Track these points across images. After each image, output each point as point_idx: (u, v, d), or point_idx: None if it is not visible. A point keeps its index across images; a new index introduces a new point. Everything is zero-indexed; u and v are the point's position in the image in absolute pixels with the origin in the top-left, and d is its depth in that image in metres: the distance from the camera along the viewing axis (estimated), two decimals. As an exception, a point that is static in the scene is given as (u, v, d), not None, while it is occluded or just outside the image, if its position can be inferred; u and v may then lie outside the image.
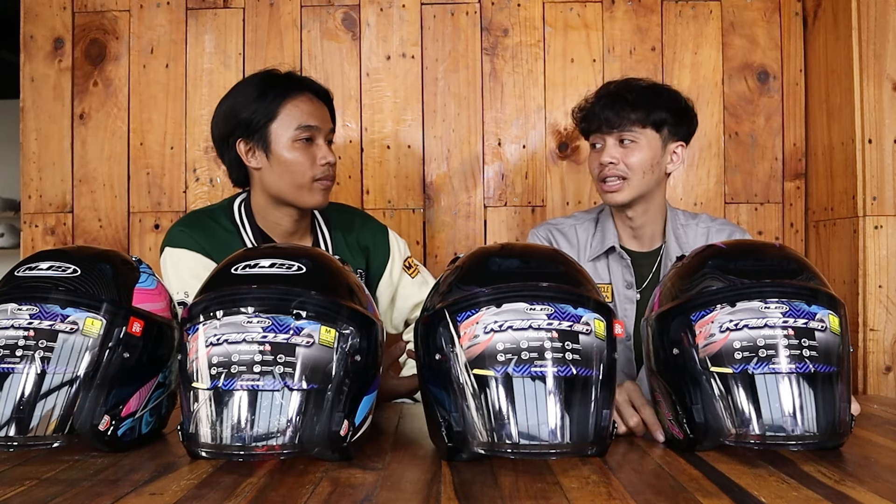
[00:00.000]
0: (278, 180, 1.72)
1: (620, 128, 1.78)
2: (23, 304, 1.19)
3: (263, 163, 1.73)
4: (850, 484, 1.05)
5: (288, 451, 1.10)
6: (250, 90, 1.75)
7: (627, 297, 1.86)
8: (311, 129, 1.72)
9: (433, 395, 1.17)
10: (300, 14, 2.48)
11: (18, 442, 1.15)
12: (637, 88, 1.81)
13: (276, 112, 1.71)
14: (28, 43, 2.48)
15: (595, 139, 1.84)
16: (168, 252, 1.75)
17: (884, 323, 2.15)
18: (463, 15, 2.48)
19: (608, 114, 1.79)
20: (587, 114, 1.84)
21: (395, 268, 1.93)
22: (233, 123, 1.73)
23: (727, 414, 1.15)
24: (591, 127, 1.83)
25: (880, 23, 2.16)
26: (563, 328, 1.12)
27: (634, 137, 1.78)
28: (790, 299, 1.17)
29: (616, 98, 1.79)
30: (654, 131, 1.79)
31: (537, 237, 1.95)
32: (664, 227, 1.88)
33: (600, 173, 1.81)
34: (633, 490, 1.03)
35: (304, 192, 1.73)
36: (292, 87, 1.74)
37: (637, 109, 1.78)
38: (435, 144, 2.48)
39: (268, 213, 1.79)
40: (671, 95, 1.84)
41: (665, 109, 1.80)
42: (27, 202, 2.48)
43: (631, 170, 1.78)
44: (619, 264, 1.88)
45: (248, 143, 1.73)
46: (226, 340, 1.12)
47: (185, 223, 1.79)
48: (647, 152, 1.79)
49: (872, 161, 2.16)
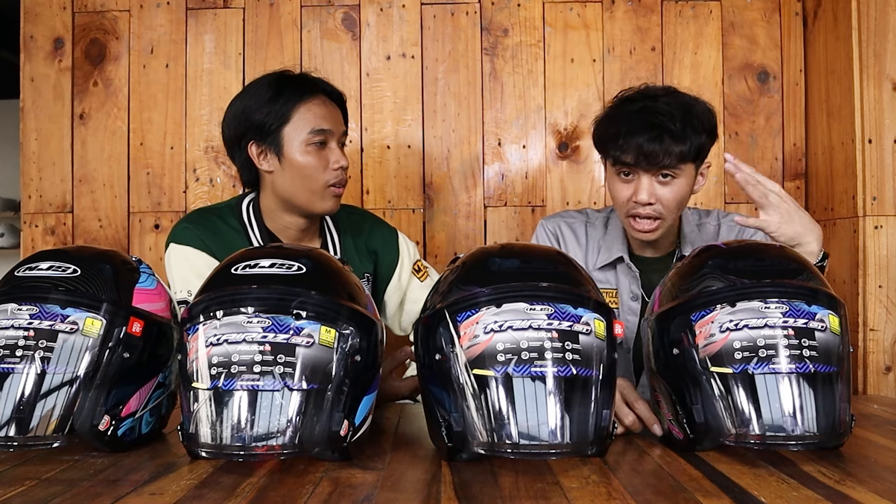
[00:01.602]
0: (290, 184, 1.70)
1: (662, 164, 1.59)
2: (23, 304, 1.19)
3: (275, 166, 1.71)
4: (850, 484, 1.05)
5: (288, 452, 1.10)
6: (263, 91, 1.71)
7: (632, 309, 1.79)
8: (325, 133, 1.70)
9: (433, 395, 1.17)
10: (300, 14, 2.48)
11: (18, 442, 1.15)
12: (677, 115, 1.60)
13: (290, 115, 1.68)
14: (28, 43, 2.48)
15: (625, 168, 1.65)
16: (172, 248, 1.74)
17: (884, 323, 2.15)
18: (463, 15, 2.48)
19: (654, 148, 1.57)
20: (622, 143, 1.61)
21: (405, 272, 1.92)
22: (245, 125, 1.70)
23: (727, 414, 1.15)
24: (625, 157, 1.62)
25: (880, 23, 2.16)
26: (563, 328, 1.12)
27: (676, 173, 1.61)
28: (790, 299, 1.17)
29: (661, 131, 1.58)
30: (693, 161, 1.64)
31: (546, 229, 1.90)
32: (678, 230, 1.81)
33: (630, 209, 1.65)
34: (633, 490, 1.03)
35: (316, 197, 1.71)
36: (306, 90, 1.71)
37: (681, 143, 1.59)
38: (435, 144, 2.48)
39: (277, 216, 1.77)
40: (705, 115, 1.65)
41: (704, 133, 1.62)
42: (27, 202, 2.48)
43: (667, 208, 1.64)
44: (626, 276, 1.79)
45: (259, 146, 1.70)
46: (226, 340, 1.12)
47: (190, 220, 1.78)
48: (685, 186, 1.64)
49: (872, 161, 2.16)
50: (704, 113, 1.66)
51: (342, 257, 1.80)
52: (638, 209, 1.65)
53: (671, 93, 1.69)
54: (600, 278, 1.81)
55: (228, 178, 2.47)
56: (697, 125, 1.62)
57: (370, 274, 1.88)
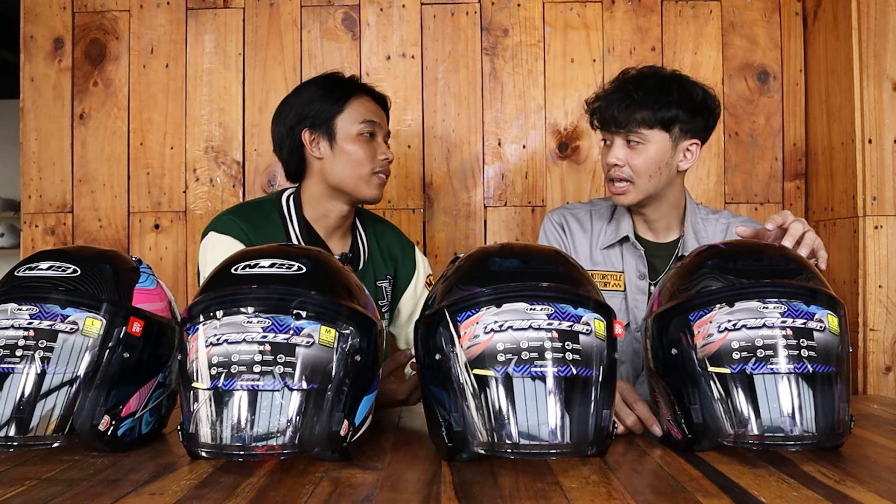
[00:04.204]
0: (340, 171, 1.79)
1: (627, 128, 1.71)
2: (23, 304, 1.19)
3: (327, 153, 1.79)
4: (850, 484, 1.05)
5: (288, 451, 1.10)
6: (314, 89, 1.83)
7: (640, 287, 1.82)
8: (374, 125, 1.81)
9: (433, 395, 1.17)
10: (300, 14, 2.48)
11: (18, 442, 1.15)
12: (647, 85, 1.72)
13: (344, 106, 1.80)
14: (28, 43, 2.48)
15: (604, 136, 1.79)
16: (212, 237, 1.77)
17: (884, 323, 2.15)
18: (463, 15, 2.48)
19: (614, 112, 1.72)
20: (596, 109, 1.77)
21: (419, 284, 1.98)
22: (299, 115, 1.80)
23: (725, 414, 1.15)
24: (600, 124, 1.78)
25: (880, 23, 2.16)
26: (563, 328, 1.12)
27: (641, 139, 1.71)
28: (789, 299, 1.17)
29: (623, 96, 1.72)
30: (663, 131, 1.72)
31: (552, 221, 1.93)
32: (682, 219, 1.84)
33: (608, 172, 1.77)
34: (633, 490, 1.04)
35: (363, 183, 1.79)
36: (357, 88, 1.85)
37: (643, 109, 1.70)
38: (435, 144, 2.48)
39: (320, 204, 1.83)
40: (685, 90, 1.74)
41: (675, 107, 1.71)
42: (27, 202, 2.48)
43: (636, 173, 1.73)
44: (632, 255, 1.84)
45: (313, 133, 1.80)
46: (226, 340, 1.12)
47: (235, 212, 1.83)
48: (654, 154, 1.72)
49: (872, 161, 2.16)
50: (683, 88, 1.74)
51: (367, 256, 1.86)
52: (611, 172, 1.76)
53: (660, 70, 1.79)
54: (606, 260, 1.85)
55: (228, 178, 2.47)
56: (668, 97, 1.71)
57: (391, 276, 1.94)
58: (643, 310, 1.79)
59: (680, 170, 1.77)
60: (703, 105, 1.75)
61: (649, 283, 1.82)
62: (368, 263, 1.89)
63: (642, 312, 1.79)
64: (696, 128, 1.75)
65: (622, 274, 1.84)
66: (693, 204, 1.87)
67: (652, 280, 1.82)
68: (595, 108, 1.78)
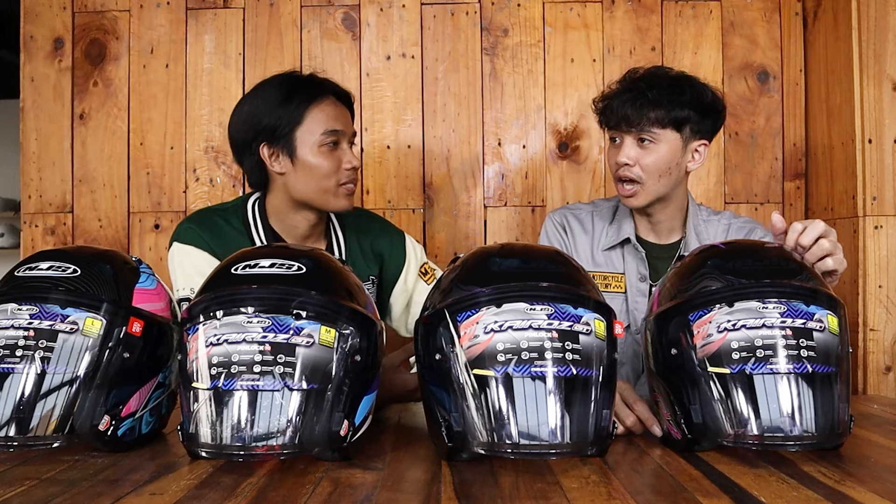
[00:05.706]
0: (304, 185, 1.71)
1: (639, 127, 1.69)
2: (23, 304, 1.19)
3: (288, 167, 1.71)
4: (850, 484, 1.05)
5: (288, 451, 1.11)
6: (273, 93, 1.72)
7: (640, 289, 1.81)
8: (337, 134, 1.71)
9: (433, 395, 1.17)
10: (300, 14, 2.48)
11: (18, 442, 1.15)
12: (660, 84, 1.71)
13: (302, 117, 1.69)
14: (28, 43, 2.48)
15: (613, 134, 1.76)
16: (176, 247, 1.75)
17: (884, 323, 2.15)
18: (463, 15, 2.48)
19: (627, 111, 1.70)
20: (606, 107, 1.75)
21: (411, 274, 1.93)
22: (256, 129, 1.71)
23: (725, 415, 1.15)
24: (610, 122, 1.75)
25: (880, 23, 2.16)
26: (563, 328, 1.12)
27: (653, 138, 1.70)
28: (789, 299, 1.17)
29: (636, 94, 1.70)
30: (675, 131, 1.71)
31: (553, 222, 1.93)
32: (684, 220, 1.83)
33: (616, 172, 1.75)
34: (633, 490, 1.04)
35: (330, 196, 1.72)
36: (317, 92, 1.73)
37: (657, 108, 1.69)
38: (435, 144, 2.48)
39: (285, 216, 1.77)
40: (696, 91, 1.73)
41: (688, 107, 1.70)
42: (27, 202, 2.48)
43: (646, 172, 1.71)
44: (633, 256, 1.83)
45: (272, 148, 1.71)
46: (226, 340, 1.12)
47: (194, 220, 1.78)
48: (665, 154, 1.71)
49: (872, 161, 2.16)
50: (695, 88, 1.73)
51: (343, 258, 1.80)
52: (621, 171, 1.73)
53: (668, 70, 1.78)
54: (607, 262, 1.84)
55: (228, 178, 2.47)
56: (681, 97, 1.70)
57: (375, 277, 1.89)
58: (644, 312, 1.79)
59: (688, 171, 1.78)
60: (713, 106, 1.76)
61: (650, 284, 1.81)
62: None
63: (643, 314, 1.78)
64: (706, 129, 1.75)
65: (623, 275, 1.83)
66: (695, 205, 1.87)
67: (653, 282, 1.81)
68: (605, 105, 1.76)
